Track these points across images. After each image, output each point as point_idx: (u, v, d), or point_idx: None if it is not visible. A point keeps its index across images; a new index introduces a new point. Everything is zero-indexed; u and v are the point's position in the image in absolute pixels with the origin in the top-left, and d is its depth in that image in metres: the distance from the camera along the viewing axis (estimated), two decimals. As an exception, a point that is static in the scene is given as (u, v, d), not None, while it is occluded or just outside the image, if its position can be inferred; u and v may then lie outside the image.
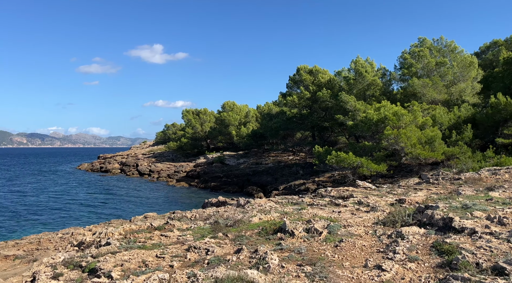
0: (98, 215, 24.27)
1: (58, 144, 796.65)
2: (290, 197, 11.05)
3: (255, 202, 10.39)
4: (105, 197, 33.62)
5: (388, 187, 11.87)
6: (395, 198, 8.70)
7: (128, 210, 26.15)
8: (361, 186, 12.32)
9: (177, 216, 8.45)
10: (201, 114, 66.49)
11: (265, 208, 8.42)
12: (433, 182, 15.08)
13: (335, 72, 39.95)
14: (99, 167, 72.46)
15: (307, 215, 7.05)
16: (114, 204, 29.18)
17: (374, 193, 10.52)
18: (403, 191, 10.04)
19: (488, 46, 51.99)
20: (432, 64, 31.59)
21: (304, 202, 8.84)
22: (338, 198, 9.75)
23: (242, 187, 40.06)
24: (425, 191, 9.66)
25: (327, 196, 10.24)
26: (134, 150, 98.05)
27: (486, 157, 23.54)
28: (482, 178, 13.11)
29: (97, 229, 11.40)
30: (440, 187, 11.26)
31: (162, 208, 27.45)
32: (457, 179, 14.64)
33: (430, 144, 24.45)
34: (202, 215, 8.30)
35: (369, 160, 24.70)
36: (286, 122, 42.09)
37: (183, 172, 53.46)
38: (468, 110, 27.34)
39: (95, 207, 27.83)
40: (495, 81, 32.16)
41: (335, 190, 10.89)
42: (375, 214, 6.78)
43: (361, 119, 26.58)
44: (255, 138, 51.45)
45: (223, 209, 8.98)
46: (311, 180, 35.18)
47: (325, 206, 8.18)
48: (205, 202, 15.16)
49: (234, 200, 15.04)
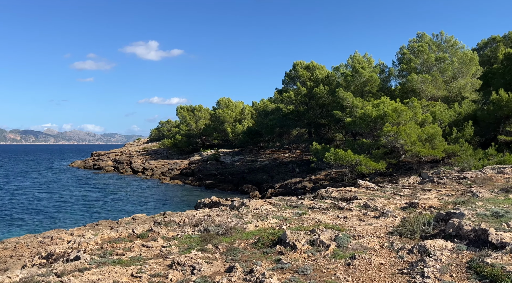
0: (88, 214, 23.34)
1: (52, 140, 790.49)
2: (288, 198, 10.24)
3: (250, 204, 9.57)
4: (96, 195, 32.67)
5: (392, 187, 11.09)
6: (403, 200, 7.93)
7: (118, 209, 25.25)
8: (363, 186, 11.54)
9: (164, 221, 7.63)
10: (196, 111, 65.51)
11: (261, 211, 7.62)
12: (438, 181, 14.34)
13: (332, 68, 39.15)
14: (92, 164, 71.28)
15: (309, 221, 6.26)
16: (105, 203, 28.26)
17: (379, 194, 9.73)
18: (410, 192, 9.27)
19: (486, 42, 51.38)
20: (431, 60, 30.87)
21: (304, 205, 8.04)
22: (340, 199, 8.95)
23: (237, 185, 39.24)
24: (434, 192, 8.90)
25: (328, 197, 9.45)
26: (128, 147, 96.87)
27: (488, 154, 22.89)
28: (490, 177, 12.38)
29: (79, 233, 10.52)
30: (449, 187, 10.51)
31: (154, 207, 26.58)
32: (463, 178, 13.91)
33: (430, 141, 23.76)
34: (192, 220, 7.49)
35: (368, 158, 23.97)
36: (282, 119, 41.28)
37: (177, 170, 52.54)
38: (469, 106, 26.67)
39: (85, 206, 26.89)
40: (495, 78, 31.53)
41: (336, 190, 10.10)
42: (386, 221, 5.99)
43: (360, 116, 25.82)
44: (251, 136, 50.62)
45: (215, 212, 8.17)
46: (308, 178, 34.43)
47: (328, 210, 7.39)
48: (197, 203, 14.33)
49: (228, 200, 14.23)
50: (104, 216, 22.86)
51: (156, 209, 25.51)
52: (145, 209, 25.45)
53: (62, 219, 21.82)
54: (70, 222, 20.91)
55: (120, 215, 22.97)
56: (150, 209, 25.28)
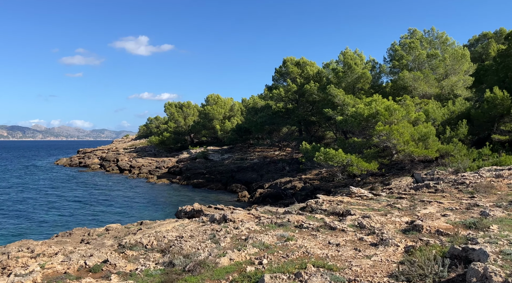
0: (66, 218, 22.13)
1: (40, 136, 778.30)
2: (274, 210, 9.31)
3: (232, 218, 8.61)
4: (78, 196, 31.39)
5: (387, 196, 10.23)
6: (403, 216, 7.05)
7: (99, 213, 24.07)
8: (356, 194, 10.66)
9: (130, 243, 6.65)
10: (184, 108, 64.22)
11: (241, 232, 6.68)
12: (435, 186, 13.54)
13: (323, 65, 38.28)
14: (78, 162, 69.64)
15: (295, 252, 5.31)
16: (85, 206, 27.02)
17: (374, 205, 8.85)
18: (408, 205, 8.41)
19: (477, 39, 51.05)
20: (423, 57, 30.17)
21: (291, 223, 7.12)
22: (332, 213, 8.04)
23: (226, 184, 38.30)
24: (435, 205, 8.04)
25: (318, 210, 8.54)
26: (116, 144, 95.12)
27: (482, 154, 22.28)
28: (490, 183, 11.58)
29: (42, 249, 9.44)
30: (449, 197, 9.67)
31: (138, 210, 25.45)
32: (461, 183, 13.12)
33: (424, 141, 23.04)
34: (161, 242, 6.52)
35: (360, 158, 23.17)
36: (271, 117, 40.34)
37: (165, 168, 51.35)
38: (462, 105, 26.03)
39: (65, 208, 25.64)
40: (488, 75, 30.98)
41: (327, 201, 9.20)
42: (387, 251, 5.10)
43: (351, 114, 24.99)
44: (240, 133, 49.62)
45: (189, 232, 7.21)
46: (298, 177, 33.63)
47: (318, 231, 6.49)
48: (178, 210, 13.34)
49: (211, 207, 13.27)
50: (83, 220, 21.71)
51: (140, 212, 24.41)
52: (129, 212, 24.35)
53: (36, 226, 20.44)
54: (41, 230, 19.54)
55: (100, 220, 21.83)
56: (131, 213, 24.17)
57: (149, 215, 22.85)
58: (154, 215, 22.69)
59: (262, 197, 29.56)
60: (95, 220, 21.61)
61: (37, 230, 19.26)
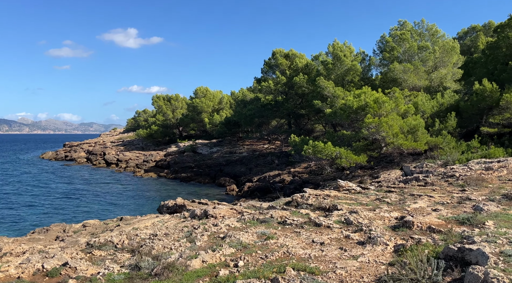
0: (45, 214, 21.37)
1: (26, 130, 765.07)
2: (258, 205, 8.86)
3: (213, 214, 8.14)
4: (60, 191, 30.57)
5: (376, 190, 9.86)
6: (392, 212, 6.66)
7: (82, 208, 23.38)
8: (344, 188, 10.27)
9: (99, 242, 6.15)
10: (173, 101, 63.27)
11: (220, 229, 6.23)
12: (424, 179, 13.25)
13: (312, 57, 37.81)
14: (64, 156, 68.35)
15: (275, 252, 4.87)
16: (68, 201, 26.27)
17: (362, 199, 8.46)
18: (398, 199, 8.03)
19: (466, 31, 51.10)
20: (414, 49, 29.89)
21: (274, 219, 6.69)
22: (318, 208, 7.62)
23: (214, 178, 37.81)
24: (426, 199, 7.68)
25: (304, 205, 8.11)
26: (104, 137, 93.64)
27: (471, 147, 22.14)
28: (480, 175, 11.30)
29: (11, 248, 8.86)
30: (439, 190, 9.33)
31: (122, 204, 24.82)
32: (450, 176, 12.84)
33: (413, 133, 22.81)
34: (133, 241, 6.03)
35: (348, 150, 22.85)
36: (260, 110, 39.82)
37: (153, 162, 50.58)
38: (451, 97, 25.85)
39: (45, 204, 24.84)
40: (476, 67, 30.88)
41: (313, 195, 8.78)
42: (375, 251, 4.70)
43: (340, 107, 24.62)
44: (229, 126, 49.04)
45: (164, 230, 6.72)
46: (287, 170, 33.29)
47: (302, 227, 6.07)
48: (160, 205, 12.83)
49: (195, 202, 12.79)
50: (64, 215, 21.02)
51: (122, 207, 23.77)
52: (113, 207, 23.70)
53: (10, 222, 19.68)
54: (24, 223, 18.93)
55: (83, 214, 21.18)
56: (114, 208, 23.54)
57: (133, 209, 22.27)
58: (138, 210, 22.10)
59: (251, 191, 29.17)
60: (76, 215, 20.94)
61: (15, 226, 18.57)
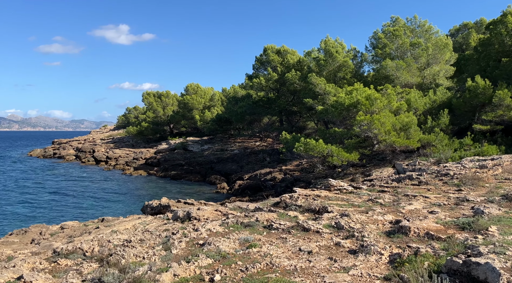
0: (27, 214, 20.65)
1: (16, 127, 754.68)
2: (245, 206, 8.39)
3: (196, 216, 7.64)
4: (44, 189, 29.77)
5: (368, 189, 9.44)
6: (386, 214, 6.23)
7: (66, 208, 22.66)
8: (335, 187, 9.83)
9: (67, 249, 5.62)
10: (163, 97, 62.42)
11: (200, 235, 5.74)
12: (418, 178, 12.86)
13: (304, 53, 37.32)
14: (52, 153, 67.16)
15: (258, 264, 4.38)
16: (52, 200, 25.53)
17: (354, 200, 8.03)
18: (391, 199, 7.61)
19: (457, 29, 51.06)
20: (407, 45, 29.58)
21: (260, 222, 6.22)
22: (307, 210, 7.17)
23: (205, 176, 37.27)
24: (421, 200, 7.28)
25: (292, 206, 7.65)
26: (94, 134, 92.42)
27: (464, 144, 21.92)
28: (475, 174, 10.95)
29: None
30: (434, 190, 8.94)
31: (108, 203, 24.16)
32: (444, 174, 12.48)
33: (405, 131, 22.50)
34: (105, 248, 5.52)
35: (340, 148, 22.47)
36: (252, 106, 39.30)
37: (142, 159, 49.83)
38: (444, 94, 25.60)
39: (27, 203, 24.05)
40: (469, 64, 30.71)
41: (303, 196, 8.33)
42: (368, 262, 4.24)
43: (332, 104, 24.23)
44: (220, 123, 48.45)
45: (139, 235, 6.20)
46: (278, 168, 32.88)
47: (289, 233, 5.61)
48: (144, 205, 12.29)
49: (181, 202, 12.27)
50: (47, 215, 20.34)
51: (108, 207, 23.12)
52: (94, 208, 22.96)
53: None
54: (7, 222, 18.26)
55: (66, 215, 20.51)
56: (99, 208, 22.88)
57: (118, 209, 21.65)
58: (124, 209, 21.50)
59: (241, 189, 28.69)
60: (60, 215, 20.26)
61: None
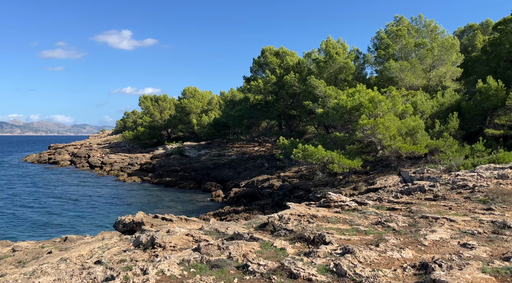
0: (5, 225, 19.11)
1: (18, 131, 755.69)
2: (223, 230, 6.82)
3: (161, 243, 6.07)
4: (32, 197, 28.23)
5: (376, 206, 7.85)
6: (404, 249, 4.63)
7: (40, 219, 20.86)
8: (335, 202, 8.24)
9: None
10: (160, 101, 61.04)
11: (144, 282, 4.18)
12: (430, 189, 11.25)
13: (304, 55, 35.88)
14: (47, 158, 65.72)
15: None
16: (31, 209, 23.94)
17: (359, 222, 6.44)
18: (407, 222, 6.03)
19: (463, 30, 49.60)
20: (411, 46, 28.08)
21: (233, 260, 4.62)
22: (299, 238, 5.59)
23: (200, 183, 35.68)
24: (445, 224, 5.69)
25: (281, 231, 6.08)
26: (91, 139, 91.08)
27: (475, 150, 20.28)
28: (500, 186, 9.35)
29: None
30: (455, 206, 7.34)
31: (91, 214, 22.50)
32: (462, 186, 10.87)
33: (412, 135, 20.90)
34: None
35: (341, 154, 20.86)
36: (249, 110, 37.79)
37: (138, 165, 48.29)
38: (452, 96, 24.01)
39: (9, 214, 22.48)
40: (477, 65, 29.18)
41: (296, 215, 6.75)
42: None
43: (333, 107, 22.67)
44: (217, 128, 46.93)
45: (86, 271, 4.67)
46: (276, 174, 31.28)
47: (270, 279, 4.03)
48: (117, 221, 10.74)
49: (158, 217, 10.68)
50: (17, 227, 18.74)
51: (91, 218, 21.48)
52: (76, 220, 21.25)
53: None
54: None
55: (41, 226, 18.94)
56: (82, 219, 21.26)
57: (98, 220, 20.03)
58: (105, 220, 19.88)
59: (237, 197, 27.07)
60: (34, 228, 18.61)
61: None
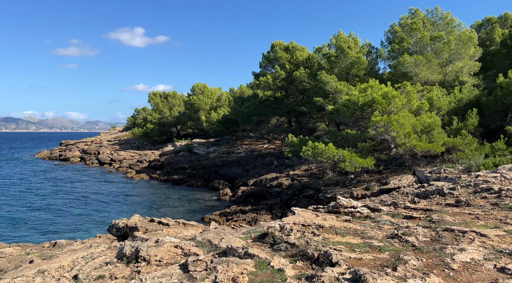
0: (8, 226, 18.75)
1: (33, 128, 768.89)
2: (217, 242, 6.07)
3: (145, 256, 5.35)
4: (38, 195, 27.99)
5: (390, 213, 7.02)
6: (429, 273, 3.83)
7: (54, 216, 20.68)
8: (346, 208, 7.41)
9: None
10: (170, 98, 60.62)
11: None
12: (450, 192, 10.30)
13: (314, 49, 34.85)
14: (58, 155, 66.04)
15: None
16: (43, 207, 23.65)
17: (371, 234, 5.63)
18: (429, 237, 5.20)
19: (480, 24, 47.82)
20: (426, 39, 26.83)
21: (222, 281, 3.92)
22: (301, 256, 4.82)
23: (208, 181, 35.08)
24: (476, 240, 4.85)
25: (282, 244, 5.32)
26: (102, 135, 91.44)
27: (496, 149, 19.16)
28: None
29: None
30: (483, 215, 6.45)
31: (93, 214, 22.05)
32: (486, 189, 9.91)
33: (428, 133, 19.83)
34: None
35: (353, 153, 19.93)
36: (258, 106, 36.96)
37: (146, 162, 47.98)
38: (470, 92, 22.81)
39: (13, 216, 22.17)
40: (496, 59, 27.84)
41: (299, 226, 5.97)
42: None
43: (344, 103, 21.72)
44: (226, 125, 46.23)
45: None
46: (285, 173, 30.46)
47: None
48: (111, 225, 10.12)
49: (154, 221, 10.00)
50: (9, 226, 18.31)
51: (93, 219, 21.00)
52: (77, 220, 20.78)
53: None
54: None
55: (41, 226, 18.53)
56: (83, 218, 20.83)
57: (101, 222, 19.54)
58: (107, 220, 19.36)
59: (245, 196, 26.36)
60: (33, 227, 18.18)
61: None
